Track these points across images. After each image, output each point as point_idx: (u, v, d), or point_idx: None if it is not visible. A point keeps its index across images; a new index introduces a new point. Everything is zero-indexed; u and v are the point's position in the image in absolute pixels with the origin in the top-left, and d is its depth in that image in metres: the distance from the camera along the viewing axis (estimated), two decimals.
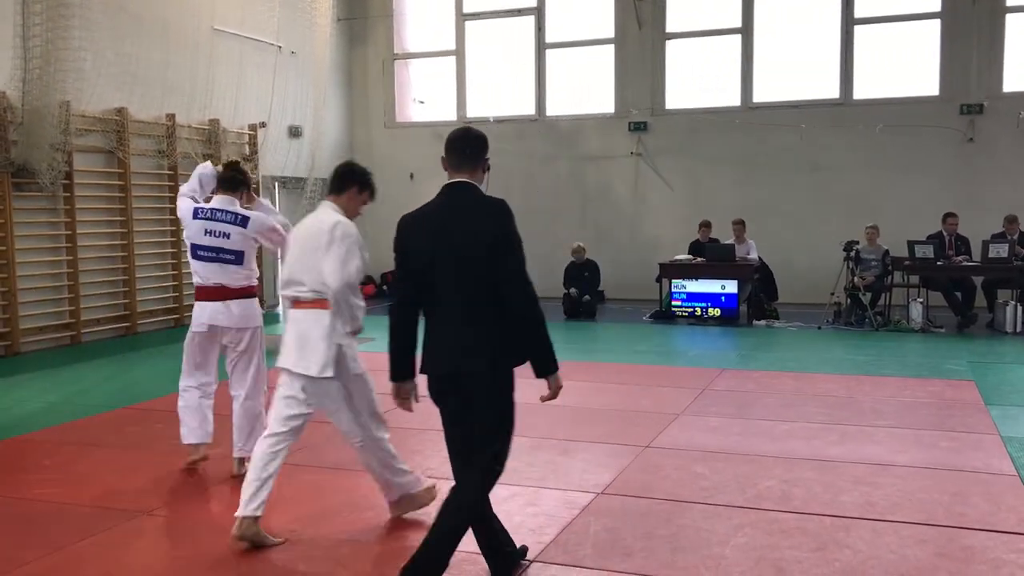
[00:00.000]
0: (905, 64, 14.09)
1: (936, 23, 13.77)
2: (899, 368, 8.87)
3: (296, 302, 4.36)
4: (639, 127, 15.08)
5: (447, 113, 16.27)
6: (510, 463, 5.45)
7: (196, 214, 5.43)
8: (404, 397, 3.70)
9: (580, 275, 13.21)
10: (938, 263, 11.46)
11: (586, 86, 15.59)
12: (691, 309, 12.38)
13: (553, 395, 3.59)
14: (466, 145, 3.61)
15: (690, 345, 10.86)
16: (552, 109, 15.76)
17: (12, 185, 10.02)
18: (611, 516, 4.67)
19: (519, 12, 15.78)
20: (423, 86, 16.78)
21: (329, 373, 4.22)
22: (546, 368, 3.54)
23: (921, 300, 11.59)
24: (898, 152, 13.81)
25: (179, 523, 4.76)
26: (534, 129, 15.67)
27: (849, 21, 14.13)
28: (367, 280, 16.40)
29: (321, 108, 14.66)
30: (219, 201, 5.48)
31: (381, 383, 3.98)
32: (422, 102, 16.70)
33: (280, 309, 14.47)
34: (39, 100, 9.79)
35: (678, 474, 5.40)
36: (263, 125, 13.79)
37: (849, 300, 11.92)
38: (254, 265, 5.64)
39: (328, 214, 4.33)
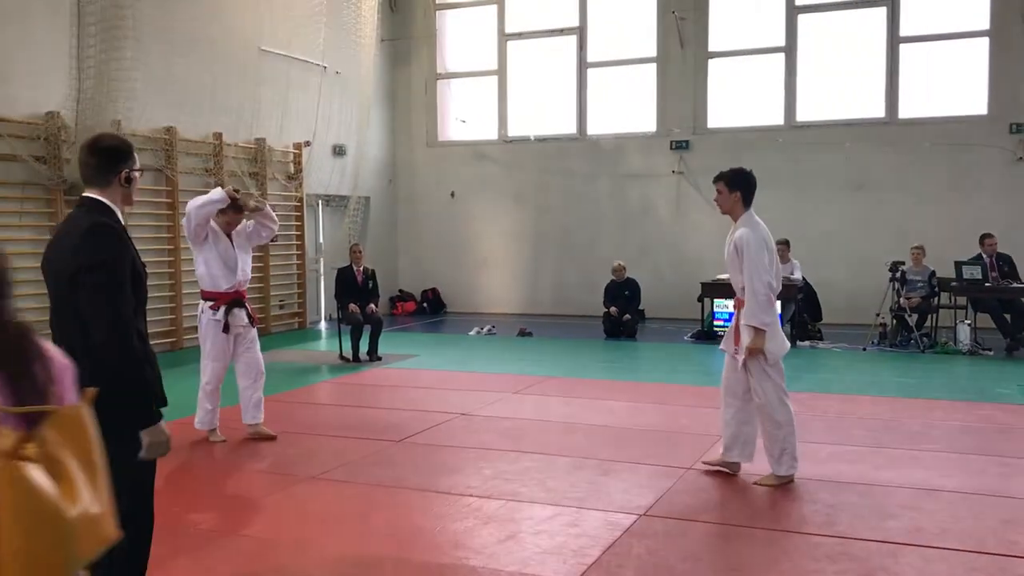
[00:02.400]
0: (952, 82, 13.92)
1: (984, 41, 13.59)
2: (947, 391, 8.71)
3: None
4: (681, 145, 15.04)
5: (489, 132, 16.34)
6: (551, 483, 5.48)
7: None
8: None
9: (620, 294, 13.16)
10: (986, 284, 11.24)
11: (628, 104, 15.60)
12: None
13: (146, 454, 3.00)
14: (89, 156, 3.22)
15: None
16: (593, 128, 15.77)
17: (64, 202, 10.26)
18: (654, 538, 4.63)
19: (561, 32, 15.85)
20: (465, 105, 16.90)
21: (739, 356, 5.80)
22: (136, 419, 2.99)
23: (969, 322, 11.36)
24: (945, 171, 13.61)
25: (220, 539, 4.80)
26: (575, 147, 15.69)
27: (895, 39, 13.98)
28: (408, 297, 16.49)
29: (365, 127, 14.82)
30: None
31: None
32: (464, 121, 16.80)
33: (322, 326, 14.59)
34: (92, 119, 10.01)
35: (722, 496, 5.35)
36: (308, 144, 13.97)
37: (895, 321, 11.73)
38: (201, 270, 6.55)
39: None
